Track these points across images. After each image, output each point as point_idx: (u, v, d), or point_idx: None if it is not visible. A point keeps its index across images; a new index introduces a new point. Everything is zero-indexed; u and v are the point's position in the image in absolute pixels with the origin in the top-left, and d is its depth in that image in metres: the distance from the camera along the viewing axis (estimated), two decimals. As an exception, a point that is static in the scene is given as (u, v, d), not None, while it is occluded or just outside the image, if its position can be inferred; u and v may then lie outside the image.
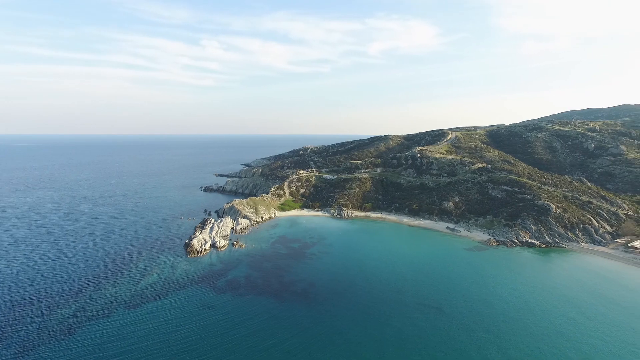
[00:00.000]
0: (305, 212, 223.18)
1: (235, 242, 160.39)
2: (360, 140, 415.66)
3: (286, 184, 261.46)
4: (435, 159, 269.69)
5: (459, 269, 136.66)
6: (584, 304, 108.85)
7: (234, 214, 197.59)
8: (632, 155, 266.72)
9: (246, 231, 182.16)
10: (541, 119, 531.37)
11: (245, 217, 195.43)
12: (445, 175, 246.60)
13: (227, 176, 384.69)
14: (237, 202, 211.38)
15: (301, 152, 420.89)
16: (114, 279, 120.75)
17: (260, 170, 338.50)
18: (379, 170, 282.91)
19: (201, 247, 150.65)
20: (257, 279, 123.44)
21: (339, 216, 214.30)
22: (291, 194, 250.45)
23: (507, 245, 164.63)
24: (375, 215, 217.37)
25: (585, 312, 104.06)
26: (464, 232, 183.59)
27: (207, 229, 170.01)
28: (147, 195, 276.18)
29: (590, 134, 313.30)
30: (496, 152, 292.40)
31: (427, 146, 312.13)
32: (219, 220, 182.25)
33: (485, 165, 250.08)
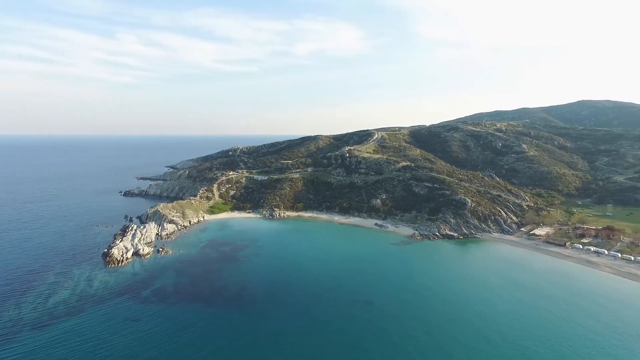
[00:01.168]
0: (236, 214, 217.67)
1: (161, 249, 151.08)
2: (290, 140, 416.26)
3: (215, 185, 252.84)
4: (363, 158, 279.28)
5: (388, 264, 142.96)
6: (498, 288, 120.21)
7: (159, 218, 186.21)
8: (532, 153, 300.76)
9: (173, 236, 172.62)
10: (457, 120, 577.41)
11: (171, 221, 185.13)
12: (373, 173, 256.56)
13: (151, 179, 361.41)
14: (162, 207, 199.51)
15: (230, 152, 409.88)
16: (16, 298, 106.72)
17: (187, 172, 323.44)
18: (309, 170, 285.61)
19: (122, 256, 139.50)
20: (187, 286, 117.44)
21: (270, 217, 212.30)
22: (221, 196, 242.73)
23: (430, 239, 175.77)
24: (307, 214, 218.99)
25: (499, 295, 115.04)
26: (391, 227, 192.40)
27: (129, 236, 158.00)
28: (56, 203, 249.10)
29: (498, 134, 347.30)
30: (418, 151, 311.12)
31: (355, 146, 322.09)
32: (142, 227, 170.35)
33: (409, 163, 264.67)
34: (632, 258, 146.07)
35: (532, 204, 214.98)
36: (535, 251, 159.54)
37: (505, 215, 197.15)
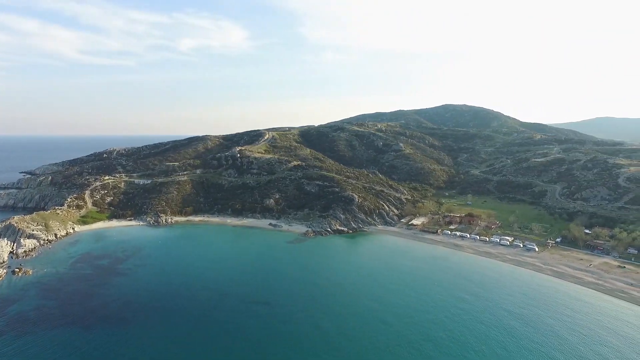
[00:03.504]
0: (114, 223, 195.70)
1: (17, 269, 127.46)
2: (176, 141, 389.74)
3: (87, 192, 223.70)
4: (255, 158, 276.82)
5: (284, 262, 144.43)
6: (386, 275, 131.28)
7: (13, 234, 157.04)
8: (408, 151, 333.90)
9: (34, 253, 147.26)
10: (343, 121, 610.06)
11: (30, 236, 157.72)
12: (265, 173, 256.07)
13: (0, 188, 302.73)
14: (17, 219, 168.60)
15: (105, 155, 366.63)
16: None
17: (50, 179, 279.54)
18: (198, 171, 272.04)
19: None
20: (54, 309, 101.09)
21: (156, 224, 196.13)
22: (95, 203, 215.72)
23: (322, 235, 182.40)
24: (197, 218, 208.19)
25: (389, 280, 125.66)
26: (285, 226, 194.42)
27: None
28: None
29: (379, 133, 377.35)
30: (308, 150, 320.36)
31: (246, 146, 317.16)
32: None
33: (300, 163, 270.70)
34: (488, 239, 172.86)
35: (410, 197, 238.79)
36: (414, 239, 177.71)
37: (388, 208, 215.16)
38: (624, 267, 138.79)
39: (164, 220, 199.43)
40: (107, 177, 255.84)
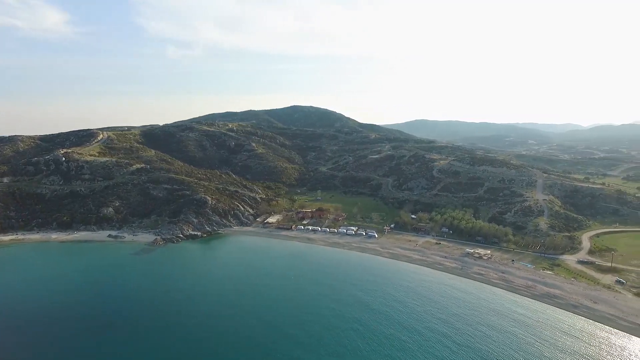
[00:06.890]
0: None
1: None
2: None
3: None
4: (87, 162, 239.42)
5: (128, 277, 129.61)
6: (245, 275, 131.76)
7: None
8: (261, 151, 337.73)
9: None
10: (191, 120, 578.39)
11: None
12: (101, 179, 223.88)
13: None
14: None
15: None
16: None
17: None
18: (6, 180, 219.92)
19: None
20: None
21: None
22: None
23: (173, 242, 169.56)
24: (7, 238, 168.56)
25: (247, 279, 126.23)
26: (128, 237, 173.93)
27: None
28: None
29: (231, 133, 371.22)
30: (153, 152, 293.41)
31: (74, 148, 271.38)
32: None
33: (143, 165, 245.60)
34: (336, 230, 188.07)
35: (264, 196, 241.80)
36: (270, 237, 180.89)
37: (243, 208, 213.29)
38: (440, 243, 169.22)
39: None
40: None
